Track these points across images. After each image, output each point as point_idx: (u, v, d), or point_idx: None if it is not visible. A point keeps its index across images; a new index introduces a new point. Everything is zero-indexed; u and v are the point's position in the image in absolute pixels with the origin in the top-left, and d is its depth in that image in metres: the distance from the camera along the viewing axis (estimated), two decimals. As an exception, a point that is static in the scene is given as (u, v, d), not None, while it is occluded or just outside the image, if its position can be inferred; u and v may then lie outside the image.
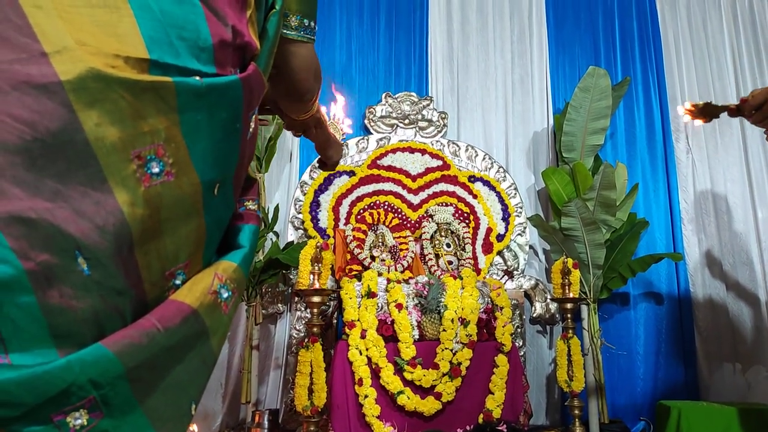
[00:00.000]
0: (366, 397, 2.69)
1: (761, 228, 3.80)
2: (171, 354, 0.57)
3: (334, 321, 3.41)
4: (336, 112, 1.47)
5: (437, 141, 3.95)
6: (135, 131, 0.56)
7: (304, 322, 3.43)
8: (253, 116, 0.71)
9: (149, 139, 0.57)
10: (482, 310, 2.99)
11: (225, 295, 0.66)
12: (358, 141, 3.90)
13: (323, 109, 1.23)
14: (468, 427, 2.62)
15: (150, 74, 0.57)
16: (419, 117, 3.98)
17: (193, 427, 3.12)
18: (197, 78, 0.60)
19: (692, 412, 2.88)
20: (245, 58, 0.70)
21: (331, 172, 1.64)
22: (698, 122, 1.61)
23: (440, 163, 3.85)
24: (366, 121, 3.97)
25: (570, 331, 3.16)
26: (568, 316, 3.18)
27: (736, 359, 3.64)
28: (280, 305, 3.63)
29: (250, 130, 0.71)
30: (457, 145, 3.95)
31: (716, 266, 3.78)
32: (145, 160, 0.57)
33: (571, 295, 3.14)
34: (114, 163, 0.54)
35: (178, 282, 0.63)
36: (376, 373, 2.75)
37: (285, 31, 0.83)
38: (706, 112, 1.59)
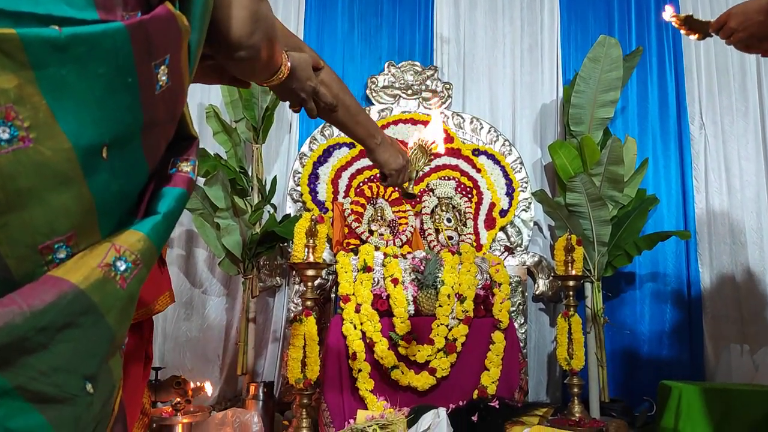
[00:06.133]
0: (360, 371, 2.74)
1: (775, 207, 3.77)
2: (46, 334, 0.55)
3: (333, 295, 3.45)
4: (427, 135, 1.26)
5: (441, 113, 3.92)
6: None
7: (300, 295, 3.48)
8: (162, 67, 0.64)
9: None
10: (480, 286, 3.01)
11: (122, 267, 0.62)
12: (359, 112, 3.89)
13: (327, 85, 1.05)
14: (461, 403, 2.66)
15: None
16: (423, 88, 3.96)
17: (207, 384, 3.22)
18: (56, 28, 0.54)
19: (693, 393, 2.90)
20: None
21: (409, 200, 1.41)
22: (692, 37, 1.60)
23: (444, 135, 3.82)
24: (368, 92, 3.96)
25: (572, 309, 3.19)
26: (571, 293, 3.20)
27: (744, 340, 3.64)
28: (278, 278, 3.69)
29: (161, 83, 0.64)
30: (462, 117, 3.94)
31: (726, 245, 3.76)
32: None
33: (574, 273, 3.16)
34: None
35: (61, 256, 0.59)
36: (370, 347, 2.80)
37: None
38: (691, 25, 1.58)
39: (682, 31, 1.60)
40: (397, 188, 1.26)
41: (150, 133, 0.66)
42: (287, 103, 1.09)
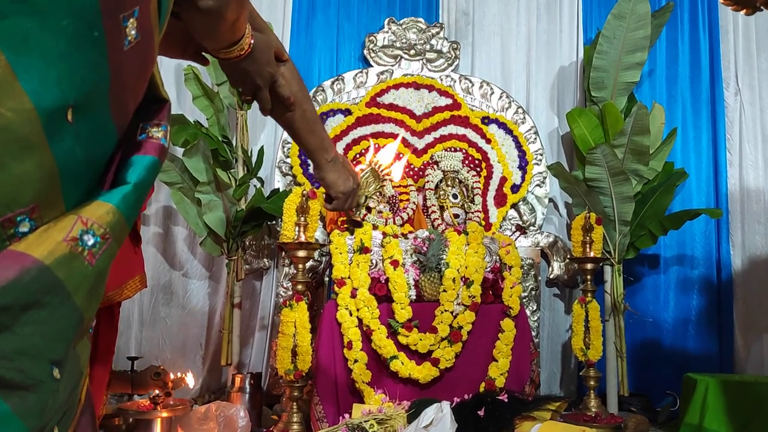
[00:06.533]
0: (356, 361, 2.76)
1: (817, 183, 3.77)
2: (9, 314, 0.55)
3: (326, 279, 3.47)
4: (383, 159, 1.29)
5: (447, 76, 3.91)
6: None
7: (290, 278, 3.50)
8: (131, 20, 0.64)
9: None
10: (489, 269, 3.03)
11: (90, 242, 0.62)
12: (356, 74, 3.87)
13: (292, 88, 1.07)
14: (467, 396, 2.69)
15: None
16: (427, 47, 3.92)
17: (188, 375, 3.25)
18: None
19: (721, 387, 2.93)
20: None
21: (351, 227, 1.45)
22: (742, 12, 1.61)
23: (450, 101, 3.82)
24: (365, 52, 3.93)
25: (589, 295, 3.20)
26: (588, 277, 3.22)
27: (778, 330, 3.67)
28: (265, 260, 3.71)
29: (130, 38, 0.64)
30: (470, 81, 3.91)
31: (761, 225, 3.77)
32: None
33: (593, 255, 3.17)
34: None
35: (23, 230, 0.59)
36: (367, 336, 2.81)
37: None
38: (740, 0, 1.59)
39: (731, 8, 1.61)
40: (342, 213, 1.25)
41: (118, 95, 0.65)
42: None
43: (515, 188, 3.74)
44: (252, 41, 0.99)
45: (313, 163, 1.21)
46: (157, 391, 2.90)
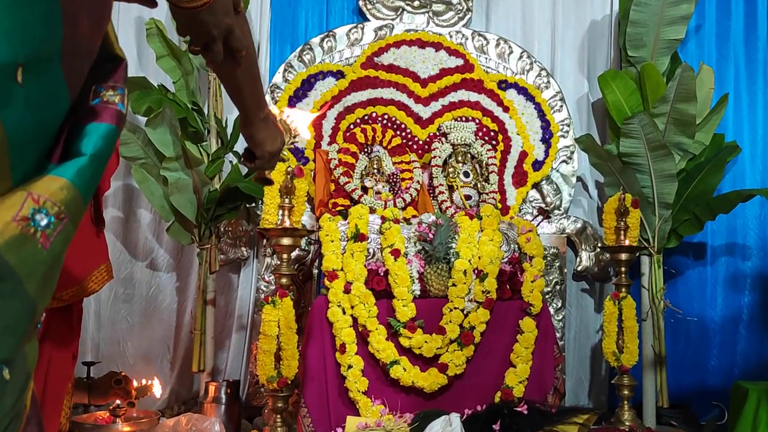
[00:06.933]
0: (350, 367, 2.78)
1: None
2: None
3: (315, 271, 3.49)
4: (293, 115, 1.39)
5: (458, 32, 3.90)
6: None
7: (273, 271, 3.51)
8: None
9: None
10: (506, 259, 3.03)
11: (43, 222, 0.63)
12: (350, 30, 3.86)
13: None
14: (479, 407, 2.72)
15: None
16: (434, -2, 3.91)
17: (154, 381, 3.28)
18: None
19: (776, 396, 2.96)
20: None
21: (264, 185, 1.53)
22: None
23: (461, 62, 3.80)
24: (361, 3, 3.91)
25: (624, 290, 3.22)
26: (623, 270, 3.23)
27: None
28: (243, 249, 3.72)
29: None
30: (485, 39, 3.91)
31: (827, 209, 3.79)
32: None
33: (628, 243, 3.18)
34: None
35: None
36: (363, 337, 2.83)
37: None
38: None
39: None
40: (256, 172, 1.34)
41: (72, 52, 0.65)
42: (255, 21, 1.12)
43: (537, 165, 3.74)
44: None
45: (243, 120, 1.27)
46: (118, 402, 2.92)
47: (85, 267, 1.67)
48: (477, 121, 3.71)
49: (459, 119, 3.68)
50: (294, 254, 3.12)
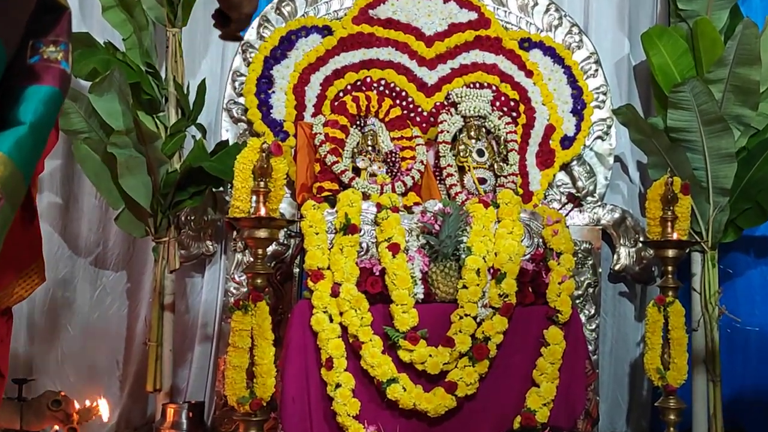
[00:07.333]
0: (338, 386, 2.77)
1: None
2: None
3: (296, 270, 3.48)
4: None
5: (470, -21, 3.87)
6: None
7: (245, 269, 3.50)
8: None
9: None
10: (528, 256, 3.02)
11: None
12: (339, -23, 3.84)
13: None
14: (496, 437, 2.72)
15: None
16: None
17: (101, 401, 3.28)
18: None
19: None
20: None
21: (230, 40, 1.68)
22: None
23: (474, 16, 3.79)
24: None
25: (670, 294, 3.20)
26: (670, 269, 3.20)
27: None
28: (209, 243, 3.71)
29: None
30: (504, -12, 3.89)
31: None
32: None
33: (676, 237, 3.16)
34: None
35: None
36: (354, 350, 2.82)
37: None
38: None
39: None
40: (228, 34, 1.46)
41: (5, 3, 0.66)
42: None
43: (567, 142, 3.73)
44: None
45: None
46: (56, 427, 2.93)
47: (10, 267, 1.62)
48: (494, 88, 3.69)
49: (472, 86, 3.66)
50: (270, 249, 3.14)
